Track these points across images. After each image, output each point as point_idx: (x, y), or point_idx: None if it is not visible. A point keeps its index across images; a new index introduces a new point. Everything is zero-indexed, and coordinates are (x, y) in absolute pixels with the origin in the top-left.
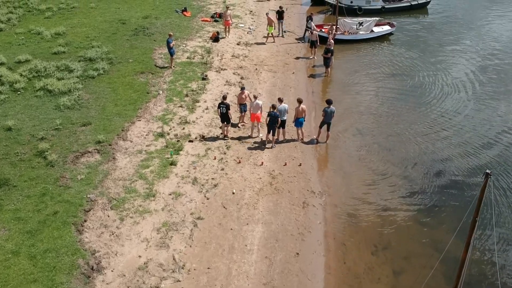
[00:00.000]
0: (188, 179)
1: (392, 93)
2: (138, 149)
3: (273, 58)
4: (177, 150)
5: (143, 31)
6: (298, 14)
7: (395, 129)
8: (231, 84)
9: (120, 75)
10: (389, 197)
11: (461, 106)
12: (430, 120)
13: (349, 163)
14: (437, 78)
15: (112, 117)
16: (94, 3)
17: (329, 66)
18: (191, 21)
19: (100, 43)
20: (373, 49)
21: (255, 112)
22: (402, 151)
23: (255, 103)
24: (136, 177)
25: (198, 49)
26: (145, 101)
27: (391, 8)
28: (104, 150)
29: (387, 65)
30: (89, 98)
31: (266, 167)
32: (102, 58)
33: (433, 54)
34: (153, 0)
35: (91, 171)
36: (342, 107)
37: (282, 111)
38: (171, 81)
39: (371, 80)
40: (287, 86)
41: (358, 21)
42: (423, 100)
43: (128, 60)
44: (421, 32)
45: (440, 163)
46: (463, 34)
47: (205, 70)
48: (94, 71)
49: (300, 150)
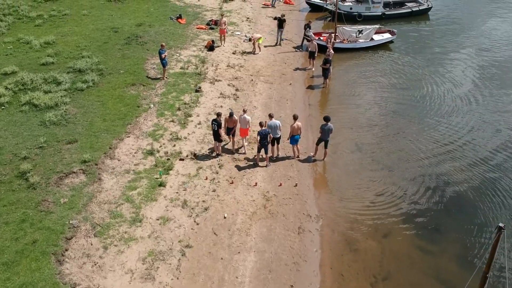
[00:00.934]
0: (178, 202)
1: (393, 106)
2: (126, 168)
3: (269, 68)
4: (167, 170)
5: (136, 40)
6: (296, 21)
7: (396, 145)
8: (225, 97)
9: (110, 87)
10: (390, 221)
11: (467, 119)
12: (434, 135)
13: (347, 183)
14: (440, 89)
15: (100, 134)
16: (86, 10)
17: (327, 77)
18: (186, 28)
19: (90, 53)
20: (373, 58)
21: (244, 127)
22: (403, 170)
23: (243, 117)
24: (122, 200)
25: (192, 59)
26: (135, 116)
27: (392, 15)
28: (90, 171)
29: (388, 75)
30: (77, 113)
31: (260, 187)
32: (92, 69)
33: (436, 62)
34: (148, 7)
35: (75, 194)
36: (340, 121)
37: (273, 127)
38: (163, 94)
39: (371, 91)
40: (284, 99)
41: (357, 29)
42: (426, 113)
43: (119, 71)
44: (422, 40)
45: (444, 183)
46: (466, 40)
47: (199, 82)
48: (83, 83)
49: (296, 168)
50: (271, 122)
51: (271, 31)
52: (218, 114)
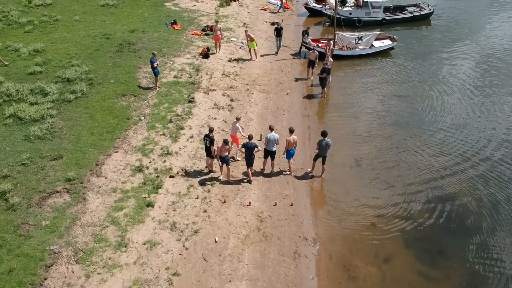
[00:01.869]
0: (166, 224)
1: (393, 116)
2: (113, 187)
3: (266, 77)
4: (156, 188)
5: (128, 47)
6: (294, 26)
7: (397, 159)
8: (219, 108)
9: (99, 98)
10: (391, 244)
11: (473, 131)
12: (436, 148)
13: (346, 202)
14: (443, 98)
15: (87, 149)
16: (79, 15)
17: (325, 86)
18: (180, 34)
19: (80, 61)
20: (373, 65)
21: (234, 134)
22: (405, 187)
23: (236, 125)
24: (108, 222)
25: (186, 67)
26: (125, 129)
27: (392, 20)
28: (74, 190)
29: (388, 84)
30: (63, 126)
31: (254, 207)
32: (81, 78)
33: (438, 70)
34: (142, 11)
35: (57, 216)
36: (339, 133)
37: (271, 140)
38: (154, 105)
39: (371, 101)
40: (280, 109)
41: (357, 36)
42: (428, 124)
43: (110, 81)
44: (424, 46)
45: (447, 202)
46: (468, 46)
47: (193, 91)
48: (71, 94)
49: (292, 186)
50: (270, 135)
51: (268, 37)
52: (210, 129)
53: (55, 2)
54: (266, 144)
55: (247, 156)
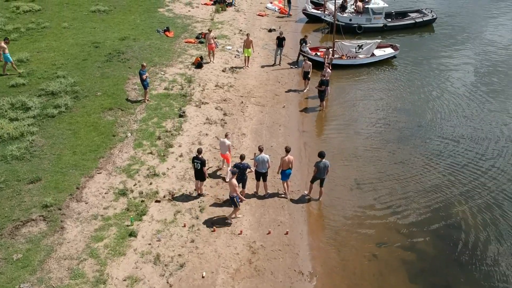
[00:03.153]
0: (149, 257)
1: (397, 132)
2: (94, 213)
3: (261, 88)
4: (140, 215)
5: (118, 56)
6: (292, 33)
7: (400, 180)
8: (211, 123)
9: (84, 112)
10: (394, 280)
11: (481, 147)
12: (442, 168)
13: (345, 230)
14: (449, 111)
15: (68, 170)
16: (68, 22)
17: (324, 99)
18: (173, 42)
19: (66, 72)
20: (374, 75)
21: (223, 153)
22: (409, 212)
23: (222, 141)
24: (86, 254)
25: (178, 78)
26: (110, 147)
27: (394, 26)
28: (52, 217)
29: (391, 96)
30: (44, 145)
31: (246, 236)
32: (66, 91)
33: (443, 80)
34: (134, 18)
35: (31, 248)
36: (338, 151)
37: (260, 162)
38: (143, 119)
39: (372, 115)
40: (276, 124)
41: (357, 44)
42: (433, 140)
43: (96, 93)
44: (427, 54)
45: (456, 230)
46: (474, 54)
47: (184, 104)
48: (54, 108)
49: (287, 211)
50: (259, 156)
51: (265, 45)
52: (199, 150)
53: (44, 8)
54: (256, 166)
55: (238, 177)
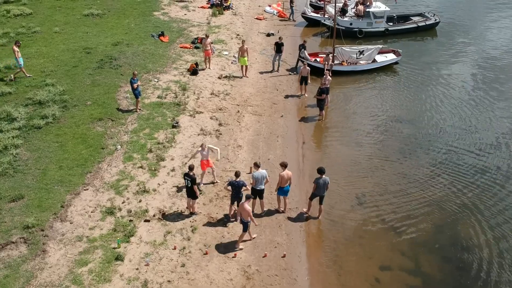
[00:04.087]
0: (136, 283)
1: (399, 144)
2: (78, 234)
3: (259, 96)
4: (128, 236)
5: (110, 63)
6: (291, 38)
7: (404, 197)
8: (206, 133)
9: (73, 123)
10: None
11: (488, 160)
12: (450, 183)
13: (346, 252)
14: (454, 121)
15: (53, 186)
16: (59, 26)
17: (323, 108)
18: (168, 48)
19: (55, 80)
20: (376, 82)
21: (204, 159)
22: (413, 232)
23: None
24: (68, 281)
25: (172, 85)
26: (98, 161)
27: (396, 31)
28: (33, 239)
29: (393, 104)
30: (29, 158)
31: (240, 260)
32: (54, 100)
33: (447, 87)
34: (128, 22)
35: (9, 274)
36: (339, 164)
37: (259, 179)
38: (134, 131)
39: (374, 124)
40: (274, 135)
41: (358, 49)
42: (438, 152)
43: (86, 103)
44: (430, 59)
45: (464, 251)
46: (478, 59)
47: (177, 114)
48: (41, 119)
49: (285, 231)
50: (257, 173)
51: (263, 50)
52: (190, 167)
53: (36, 11)
54: (254, 183)
55: (233, 195)
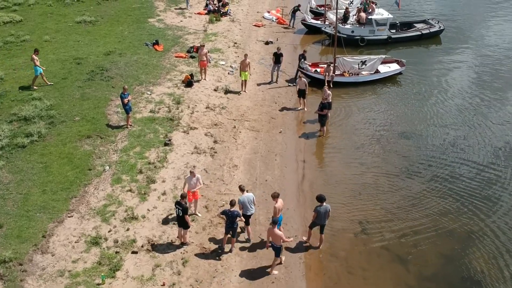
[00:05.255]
0: None
1: (405, 163)
2: (60, 268)
3: (256, 110)
4: (113, 270)
5: (101, 74)
6: (290, 46)
7: (411, 223)
8: (200, 152)
9: (59, 141)
10: None
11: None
12: (462, 207)
13: (350, 285)
14: (465, 138)
15: (34, 213)
16: (50, 34)
17: (325, 124)
18: (162, 57)
19: (43, 94)
20: (379, 95)
21: (191, 189)
22: (423, 264)
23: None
24: None
25: (166, 98)
26: (84, 184)
27: (399, 39)
28: (10, 276)
29: (397, 119)
30: (10, 182)
31: None
32: (41, 116)
33: (455, 100)
34: (122, 29)
35: None
36: (341, 186)
37: (245, 203)
38: (124, 149)
39: (378, 142)
40: (272, 153)
41: (360, 60)
42: (449, 175)
43: (74, 118)
44: (435, 69)
45: (472, 283)
46: (486, 68)
47: (170, 130)
48: (26, 137)
49: (283, 263)
50: (243, 197)
51: (261, 60)
52: (182, 195)
53: (26, 19)
54: (241, 208)
55: (228, 225)
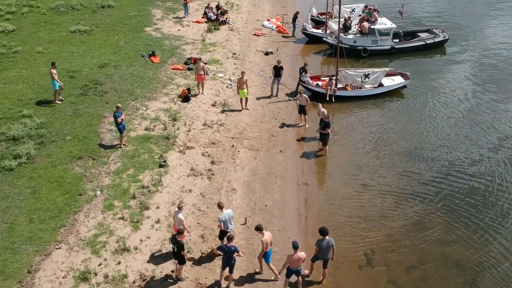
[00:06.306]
0: None
1: (412, 186)
2: None
3: (256, 127)
4: None
5: (95, 88)
6: (291, 56)
7: (417, 253)
8: (197, 174)
9: (49, 163)
10: None
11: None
12: (470, 237)
13: None
14: (475, 158)
15: (20, 245)
16: (43, 45)
17: (327, 143)
18: (158, 70)
19: (33, 111)
20: (383, 110)
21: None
22: None
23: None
24: None
25: (162, 115)
26: (74, 211)
27: (403, 49)
28: None
29: (403, 137)
30: None
31: None
32: (30, 135)
33: (464, 114)
34: (117, 39)
35: None
36: (344, 213)
37: (227, 222)
38: (116, 172)
39: (383, 163)
40: (272, 175)
41: (363, 73)
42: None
43: (65, 137)
44: (440, 81)
45: None
46: (494, 80)
47: (166, 150)
48: (14, 159)
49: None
50: (224, 215)
51: (261, 71)
52: (179, 231)
53: (19, 28)
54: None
55: (224, 262)
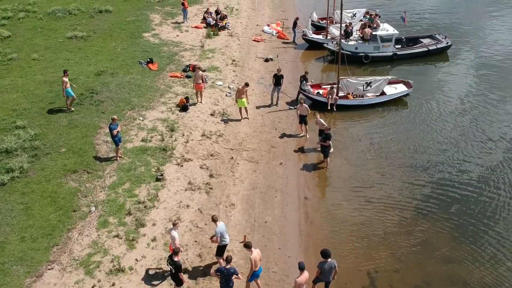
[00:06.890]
0: None
1: (417, 201)
2: None
3: (255, 137)
4: None
5: (91, 98)
6: (291, 63)
7: (422, 272)
8: (194, 188)
9: (43, 177)
10: None
11: None
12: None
13: None
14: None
15: (10, 266)
16: (39, 52)
17: (328, 155)
18: (156, 77)
19: (27, 122)
20: (385, 119)
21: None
22: None
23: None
24: None
25: (159, 125)
26: (68, 228)
27: (405, 55)
28: None
29: (407, 147)
30: None
31: None
32: (24, 148)
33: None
34: (115, 45)
35: None
36: (346, 231)
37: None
38: (112, 186)
39: (386, 175)
40: (272, 189)
41: (365, 81)
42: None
43: (60, 150)
44: (444, 89)
45: None
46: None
47: (163, 162)
48: (6, 173)
49: None
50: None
51: (261, 79)
52: (175, 251)
53: (15, 34)
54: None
55: (223, 283)
